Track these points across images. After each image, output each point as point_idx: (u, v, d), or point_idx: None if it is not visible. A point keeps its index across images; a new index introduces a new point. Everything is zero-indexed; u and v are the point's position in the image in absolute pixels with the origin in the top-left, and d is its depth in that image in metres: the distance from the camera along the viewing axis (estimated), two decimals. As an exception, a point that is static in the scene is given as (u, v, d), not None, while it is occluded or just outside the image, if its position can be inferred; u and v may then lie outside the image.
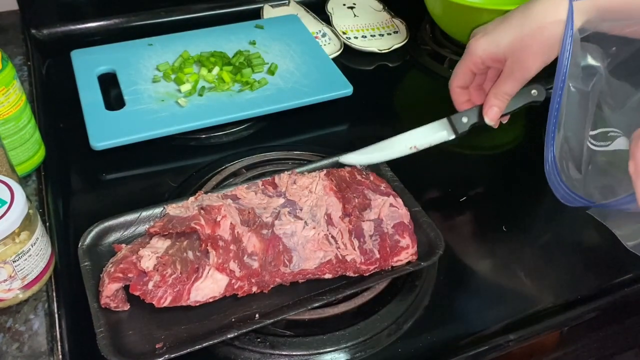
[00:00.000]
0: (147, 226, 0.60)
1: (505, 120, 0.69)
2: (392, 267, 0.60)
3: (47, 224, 0.62)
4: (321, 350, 0.55)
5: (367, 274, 0.59)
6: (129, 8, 0.98)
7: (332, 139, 0.81)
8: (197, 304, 0.54)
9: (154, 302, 0.53)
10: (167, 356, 0.50)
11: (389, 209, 0.62)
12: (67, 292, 0.58)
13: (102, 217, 0.62)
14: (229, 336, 0.52)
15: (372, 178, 0.66)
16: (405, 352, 0.56)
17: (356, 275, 0.59)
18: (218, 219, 0.57)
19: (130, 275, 0.54)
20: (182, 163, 0.75)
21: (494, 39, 0.60)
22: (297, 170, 0.67)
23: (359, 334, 0.56)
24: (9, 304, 0.55)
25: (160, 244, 0.56)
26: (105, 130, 0.73)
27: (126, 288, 0.55)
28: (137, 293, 0.54)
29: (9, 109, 0.61)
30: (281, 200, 0.62)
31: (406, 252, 0.60)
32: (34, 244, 0.53)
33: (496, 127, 0.66)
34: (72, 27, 0.95)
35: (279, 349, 0.54)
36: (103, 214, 0.62)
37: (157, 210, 0.62)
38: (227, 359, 0.54)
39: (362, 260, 0.58)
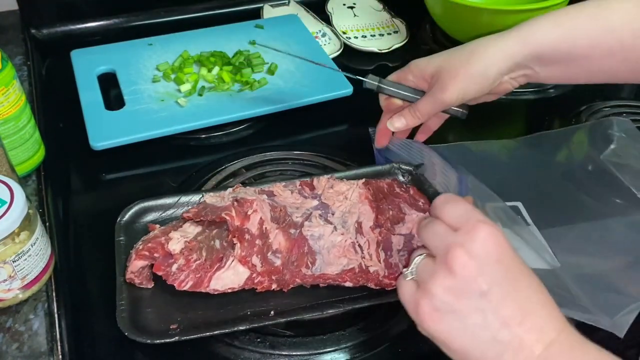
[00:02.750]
0: (184, 210, 0.62)
1: (422, 138, 0.69)
2: None
3: (47, 224, 0.62)
4: (321, 350, 0.55)
5: (389, 288, 0.57)
6: (129, 8, 0.98)
7: (332, 139, 0.81)
8: (216, 292, 0.55)
9: (175, 284, 0.54)
10: (178, 338, 0.51)
11: None
12: (67, 292, 0.58)
13: (102, 216, 0.62)
14: (240, 328, 0.52)
15: (411, 192, 0.64)
16: (405, 352, 0.56)
17: (377, 287, 0.57)
18: (249, 213, 0.57)
19: (156, 255, 0.55)
20: (182, 163, 0.75)
21: (431, 58, 0.60)
22: (336, 175, 0.67)
23: (359, 334, 0.56)
24: (8, 304, 0.55)
25: (192, 230, 0.58)
26: (105, 130, 0.73)
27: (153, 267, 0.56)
28: (160, 273, 0.55)
29: (9, 108, 0.61)
30: (315, 202, 0.62)
31: None
32: (34, 244, 0.53)
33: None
34: (72, 27, 0.95)
35: (279, 349, 0.54)
36: (103, 213, 0.62)
37: (196, 198, 0.63)
38: (227, 358, 0.54)
39: (386, 274, 0.57)
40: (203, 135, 0.78)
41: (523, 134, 0.85)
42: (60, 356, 0.52)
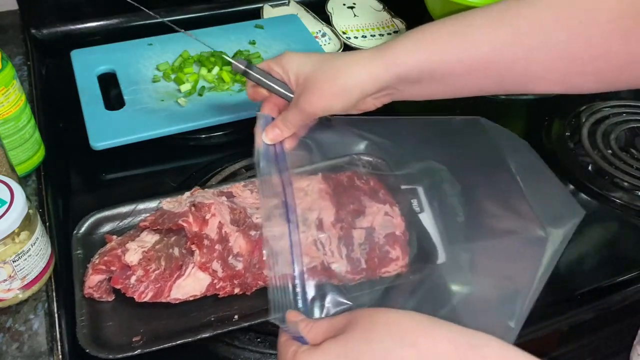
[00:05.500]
0: (140, 219, 0.61)
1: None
2: (380, 277, 0.58)
3: (47, 223, 0.62)
4: (321, 350, 0.54)
5: (352, 284, 0.57)
6: (129, 8, 0.98)
7: (332, 138, 0.81)
8: (177, 301, 0.55)
9: (134, 297, 0.54)
10: (140, 351, 0.50)
11: (383, 217, 0.61)
12: (67, 292, 0.58)
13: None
14: (203, 336, 0.52)
15: (371, 183, 0.64)
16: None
17: (341, 284, 0.57)
18: (207, 217, 0.57)
19: (113, 268, 0.54)
20: (182, 163, 0.75)
21: (301, 62, 0.58)
22: (295, 171, 0.66)
23: (359, 334, 0.56)
24: (8, 303, 0.55)
25: (149, 239, 0.57)
26: (105, 130, 0.73)
27: (113, 279, 0.55)
28: (118, 286, 0.54)
29: (9, 108, 0.61)
30: (275, 201, 0.61)
31: (395, 264, 0.58)
32: (34, 243, 0.53)
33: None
34: (72, 27, 0.95)
35: (279, 348, 0.54)
36: (103, 213, 0.62)
37: (153, 204, 0.62)
38: (226, 358, 0.54)
39: (348, 270, 0.57)
40: (203, 135, 0.78)
41: (523, 134, 0.85)
42: (60, 356, 0.52)
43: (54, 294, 0.56)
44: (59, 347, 0.52)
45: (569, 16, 0.48)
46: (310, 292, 0.52)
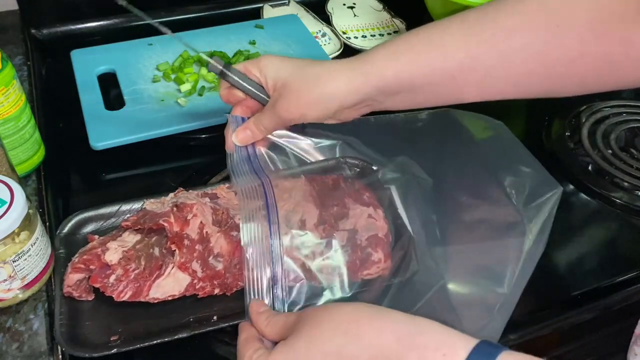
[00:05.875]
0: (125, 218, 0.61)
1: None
2: (362, 279, 0.58)
3: (47, 223, 0.62)
4: (321, 350, 0.54)
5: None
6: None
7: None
8: (156, 301, 0.55)
9: (113, 296, 0.54)
10: (117, 350, 0.50)
11: (366, 220, 0.60)
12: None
13: (102, 217, 0.62)
14: (181, 336, 0.52)
15: (357, 186, 0.64)
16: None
17: (320, 285, 0.56)
18: (188, 218, 0.57)
19: (92, 267, 0.54)
20: (182, 163, 0.75)
21: (280, 67, 0.58)
22: (279, 173, 0.65)
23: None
24: (8, 303, 0.55)
25: (131, 239, 0.57)
26: (105, 130, 0.73)
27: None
28: (97, 285, 0.54)
29: (9, 108, 0.61)
30: (259, 202, 0.61)
31: (377, 267, 0.58)
32: (34, 243, 0.53)
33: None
34: (72, 27, 0.95)
35: (278, 348, 0.54)
36: (103, 213, 0.62)
37: (137, 205, 0.62)
38: (226, 358, 0.54)
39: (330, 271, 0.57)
40: (203, 136, 0.78)
41: (523, 134, 0.86)
42: (60, 356, 0.52)
43: (54, 294, 0.56)
44: (59, 347, 0.52)
45: (545, 21, 0.48)
46: (288, 294, 0.53)
